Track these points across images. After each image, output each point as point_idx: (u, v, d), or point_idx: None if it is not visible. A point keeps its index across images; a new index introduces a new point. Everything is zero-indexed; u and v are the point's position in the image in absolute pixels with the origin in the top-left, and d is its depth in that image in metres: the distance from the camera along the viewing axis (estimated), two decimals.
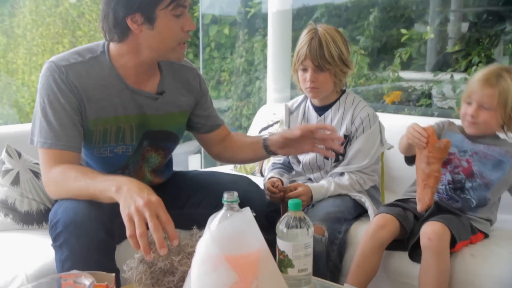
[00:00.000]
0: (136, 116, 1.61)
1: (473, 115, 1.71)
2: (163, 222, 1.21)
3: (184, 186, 1.80)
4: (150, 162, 1.73)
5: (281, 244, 1.27)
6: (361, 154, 1.93)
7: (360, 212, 1.97)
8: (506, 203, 1.84)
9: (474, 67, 3.09)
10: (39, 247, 1.62)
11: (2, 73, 4.36)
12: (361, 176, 1.95)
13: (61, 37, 4.43)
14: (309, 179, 2.09)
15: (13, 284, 1.50)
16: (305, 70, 1.94)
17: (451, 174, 1.77)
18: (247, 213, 1.06)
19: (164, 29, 1.49)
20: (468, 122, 1.74)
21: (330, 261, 1.80)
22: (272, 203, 1.90)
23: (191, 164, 4.19)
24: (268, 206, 1.82)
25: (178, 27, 1.51)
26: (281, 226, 1.27)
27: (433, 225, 1.63)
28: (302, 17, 3.93)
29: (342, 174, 1.97)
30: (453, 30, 3.68)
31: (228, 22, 4.74)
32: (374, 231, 1.72)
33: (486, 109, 1.69)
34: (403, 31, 3.70)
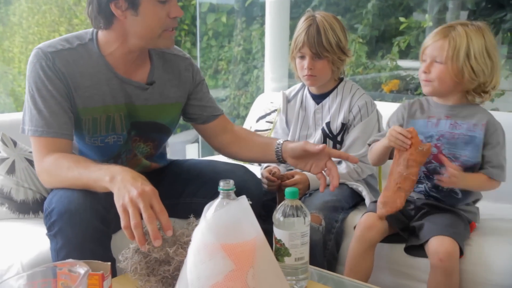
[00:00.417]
0: (125, 106, 1.59)
1: (425, 71, 1.63)
2: (157, 213, 1.20)
3: (181, 176, 1.78)
4: (140, 152, 1.72)
5: (278, 233, 1.27)
6: (359, 143, 1.92)
7: (358, 201, 1.97)
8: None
9: None
10: (35, 236, 1.61)
11: None
12: (359, 165, 1.94)
13: (58, 25, 4.40)
14: None
15: (9, 273, 1.50)
16: (303, 58, 1.93)
17: (425, 166, 1.65)
18: (244, 202, 1.05)
19: (149, 15, 1.47)
20: (423, 81, 1.65)
21: (327, 250, 1.80)
22: (269, 192, 1.90)
23: (189, 154, 4.18)
24: (265, 195, 1.81)
25: (164, 13, 1.48)
26: (278, 215, 1.27)
27: (444, 243, 1.53)
28: (300, 6, 3.90)
29: (340, 163, 1.96)
30: (452, 18, 3.65)
31: (226, 10, 4.72)
32: (362, 234, 1.66)
33: (438, 63, 1.60)
34: (402, 20, 3.68)
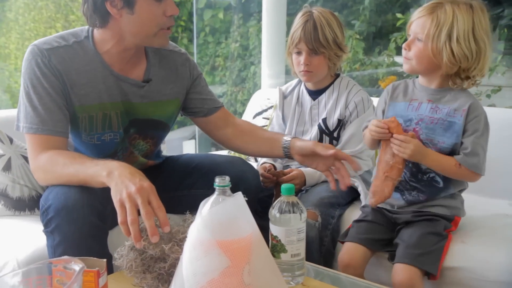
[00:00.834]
0: (122, 103, 1.58)
1: (405, 48, 1.56)
2: (155, 209, 1.20)
3: (178, 169, 1.78)
4: (139, 149, 1.71)
5: (274, 229, 1.27)
6: (355, 139, 1.92)
7: (354, 197, 1.96)
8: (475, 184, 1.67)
9: None
10: (31, 233, 1.61)
11: None
12: (355, 161, 1.94)
13: (54, 22, 4.38)
14: None
15: (4, 270, 1.50)
16: (299, 53, 1.93)
17: None
18: (239, 198, 1.05)
19: (144, 14, 1.46)
20: (403, 58, 1.58)
21: (324, 246, 1.80)
22: (266, 188, 1.90)
23: (186, 150, 4.18)
24: (262, 191, 1.81)
25: (160, 12, 1.47)
26: (274, 211, 1.27)
27: (403, 272, 1.50)
28: (297, 2, 3.90)
29: None
30: None
31: (223, 7, 4.71)
32: (344, 269, 1.60)
33: (419, 41, 1.53)
34: (399, 16, 3.68)
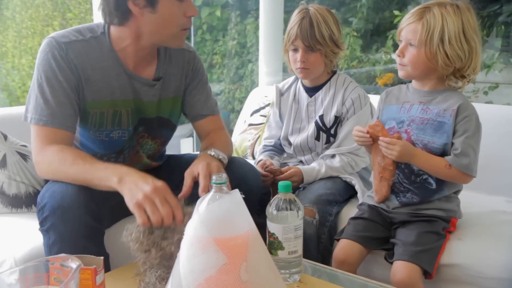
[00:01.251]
0: (133, 101, 1.59)
1: (399, 55, 1.59)
2: (173, 207, 1.23)
3: (179, 168, 1.77)
4: (146, 149, 1.71)
5: (271, 226, 1.27)
6: (352, 136, 1.92)
7: (352, 194, 1.96)
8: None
9: None
10: (28, 231, 1.60)
11: None
12: (353, 158, 1.94)
13: (51, 19, 4.37)
14: (300, 161, 2.08)
15: (1, 268, 1.49)
16: (296, 51, 1.93)
17: None
18: (236, 195, 1.04)
19: (166, 13, 1.46)
20: (398, 64, 1.61)
21: (321, 244, 1.80)
22: (264, 186, 1.89)
23: (183, 148, 4.17)
24: (263, 192, 1.80)
25: (180, 12, 1.48)
26: (271, 208, 1.27)
27: (402, 269, 1.50)
28: None
29: (333, 156, 1.96)
30: None
31: (220, 4, 4.70)
32: (339, 265, 1.61)
33: (412, 47, 1.55)
34: (396, 13, 3.68)
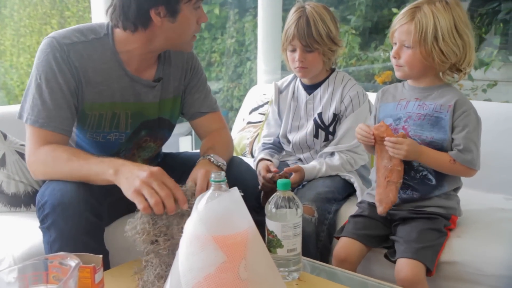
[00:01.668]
0: (133, 104, 1.58)
1: (395, 56, 1.59)
2: (172, 189, 1.24)
3: (176, 167, 1.78)
4: (146, 152, 1.71)
5: (270, 224, 1.27)
6: (351, 134, 1.92)
7: (350, 192, 1.97)
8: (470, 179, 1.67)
9: None
10: (27, 229, 1.61)
11: None
12: (352, 156, 1.95)
13: (49, 18, 4.36)
14: (299, 159, 2.09)
15: (0, 266, 1.49)
16: (294, 50, 1.93)
17: None
18: (235, 193, 1.05)
19: (185, 22, 1.49)
20: (394, 65, 1.61)
21: (320, 242, 1.80)
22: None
23: (182, 146, 4.17)
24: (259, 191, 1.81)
25: (195, 19, 1.51)
26: (270, 206, 1.27)
27: (406, 266, 1.49)
28: None
29: (333, 154, 1.97)
30: None
31: (219, 2, 4.69)
32: (340, 264, 1.60)
33: (407, 48, 1.56)
34: (395, 11, 3.67)
